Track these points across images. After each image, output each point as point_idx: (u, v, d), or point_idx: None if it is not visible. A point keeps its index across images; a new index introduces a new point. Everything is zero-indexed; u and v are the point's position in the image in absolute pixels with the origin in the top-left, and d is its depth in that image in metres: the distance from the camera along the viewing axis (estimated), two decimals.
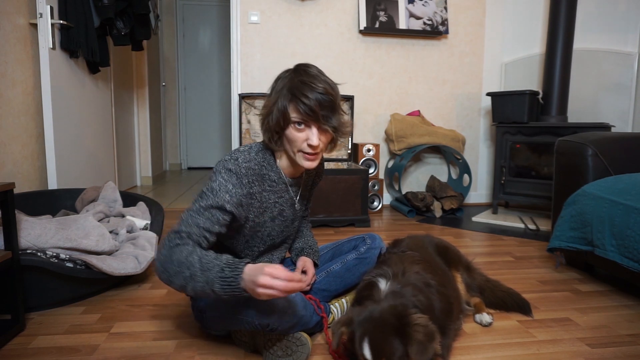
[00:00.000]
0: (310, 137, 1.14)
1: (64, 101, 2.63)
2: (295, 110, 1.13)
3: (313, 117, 1.12)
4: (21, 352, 1.28)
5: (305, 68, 1.18)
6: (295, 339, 1.21)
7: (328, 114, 1.14)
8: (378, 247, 1.51)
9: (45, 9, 2.39)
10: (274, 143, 1.20)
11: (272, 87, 1.19)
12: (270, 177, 1.24)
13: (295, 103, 1.12)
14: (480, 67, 3.60)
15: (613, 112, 3.05)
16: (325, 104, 1.12)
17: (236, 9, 3.21)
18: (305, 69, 1.17)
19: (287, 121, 1.14)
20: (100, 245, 1.67)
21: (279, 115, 1.13)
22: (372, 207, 3.28)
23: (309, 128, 1.15)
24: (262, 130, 1.22)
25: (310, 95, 1.10)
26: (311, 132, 1.15)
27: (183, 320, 1.50)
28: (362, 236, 1.54)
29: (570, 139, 2.08)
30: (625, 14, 3.03)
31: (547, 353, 1.32)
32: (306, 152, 1.16)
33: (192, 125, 5.83)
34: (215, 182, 1.14)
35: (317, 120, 1.13)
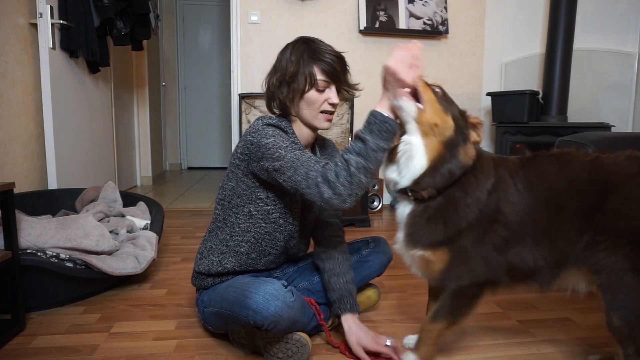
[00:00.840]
0: (331, 96, 1.23)
1: (64, 101, 2.63)
2: (321, 72, 1.22)
3: (336, 77, 1.23)
4: (21, 352, 1.28)
5: (312, 38, 1.28)
6: (295, 341, 1.20)
7: (345, 73, 1.28)
8: (382, 252, 1.49)
9: (45, 8, 2.39)
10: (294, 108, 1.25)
11: (283, 59, 1.25)
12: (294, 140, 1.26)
13: (319, 65, 1.21)
14: (480, 67, 3.60)
15: (613, 112, 3.05)
16: (342, 64, 1.26)
17: (236, 9, 3.21)
18: (312, 39, 1.27)
19: (312, 84, 1.21)
20: (100, 245, 1.67)
21: (305, 80, 1.20)
22: (372, 207, 3.28)
23: (329, 88, 1.24)
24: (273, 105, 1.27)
25: (330, 57, 1.23)
26: (331, 92, 1.24)
27: (183, 320, 1.50)
28: (366, 239, 1.53)
29: (570, 139, 2.07)
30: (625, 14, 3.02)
31: (547, 353, 1.32)
32: (327, 111, 1.25)
33: (192, 125, 5.83)
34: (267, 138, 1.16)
35: (338, 79, 1.24)
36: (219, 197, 1.32)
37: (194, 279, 1.36)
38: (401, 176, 1.07)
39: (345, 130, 3.30)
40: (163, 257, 2.17)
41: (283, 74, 1.23)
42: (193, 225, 2.83)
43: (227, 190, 1.28)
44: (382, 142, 1.05)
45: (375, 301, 1.56)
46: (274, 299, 1.10)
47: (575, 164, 1.06)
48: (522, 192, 1.06)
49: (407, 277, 1.94)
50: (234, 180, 1.26)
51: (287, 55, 1.25)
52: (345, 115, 3.28)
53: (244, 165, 1.23)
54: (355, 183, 1.05)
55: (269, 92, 1.27)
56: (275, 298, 1.11)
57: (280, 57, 1.27)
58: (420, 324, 1.35)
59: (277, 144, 1.14)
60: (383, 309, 1.62)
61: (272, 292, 1.11)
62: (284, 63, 1.24)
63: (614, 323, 0.99)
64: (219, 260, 1.30)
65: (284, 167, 1.12)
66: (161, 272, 1.97)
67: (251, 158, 1.19)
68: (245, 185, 1.25)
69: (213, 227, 1.34)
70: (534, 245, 1.05)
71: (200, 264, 1.33)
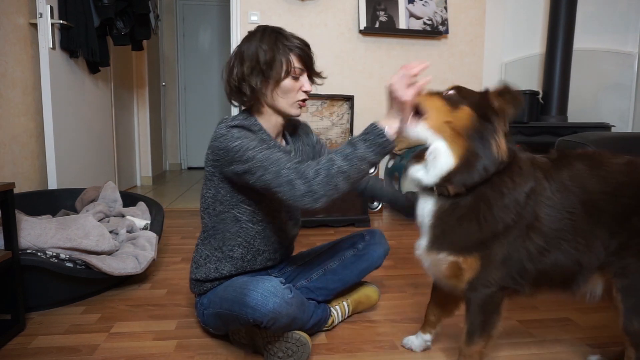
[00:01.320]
0: (305, 83, 1.25)
1: (64, 101, 2.63)
2: (297, 59, 1.22)
3: (309, 64, 1.25)
4: (21, 352, 1.28)
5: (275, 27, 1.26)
6: (295, 340, 1.21)
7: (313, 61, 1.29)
8: (378, 244, 1.47)
9: (45, 9, 2.39)
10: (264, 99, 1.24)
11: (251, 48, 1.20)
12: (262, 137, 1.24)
13: (295, 52, 1.21)
14: (480, 67, 3.60)
15: (613, 112, 3.06)
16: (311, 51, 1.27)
17: (236, 9, 3.21)
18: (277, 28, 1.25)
19: (289, 71, 1.20)
20: (100, 245, 1.67)
21: (281, 67, 1.19)
22: (372, 207, 3.28)
23: (302, 76, 1.25)
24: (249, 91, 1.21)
25: (302, 44, 1.23)
26: (304, 79, 1.25)
27: (183, 320, 1.50)
28: (361, 233, 1.51)
29: (570, 139, 2.08)
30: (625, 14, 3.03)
31: (547, 353, 1.32)
32: (301, 99, 1.26)
33: (192, 125, 5.83)
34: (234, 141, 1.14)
35: (311, 66, 1.27)
36: (203, 206, 1.31)
37: (192, 286, 1.36)
38: (428, 174, 1.02)
39: (345, 130, 3.30)
40: (163, 257, 2.17)
41: (255, 63, 1.19)
42: (193, 225, 2.83)
43: (209, 198, 1.28)
44: (372, 154, 1.03)
45: (375, 301, 1.56)
46: (272, 296, 1.11)
47: (609, 166, 1.05)
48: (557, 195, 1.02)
49: (407, 277, 1.94)
50: (213, 188, 1.26)
51: (256, 44, 1.20)
52: (345, 115, 3.28)
53: (218, 171, 1.22)
54: (332, 185, 1.02)
55: (232, 83, 1.22)
56: (274, 295, 1.11)
57: (245, 46, 1.22)
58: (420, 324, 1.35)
59: (244, 145, 1.12)
60: (383, 309, 1.62)
61: (270, 289, 1.12)
62: (253, 51, 1.20)
63: (633, 327, 1.00)
64: (215, 267, 1.30)
65: (254, 167, 1.10)
66: (161, 272, 1.97)
67: (222, 163, 1.18)
68: (225, 191, 1.24)
69: (205, 236, 1.33)
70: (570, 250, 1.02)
71: (197, 272, 1.32)
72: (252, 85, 1.20)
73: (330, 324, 1.42)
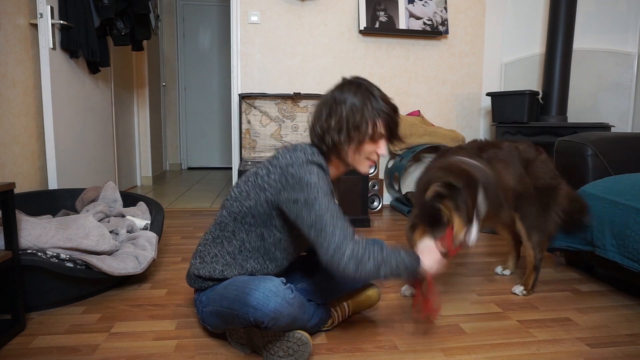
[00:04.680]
0: (382, 148, 1.27)
1: (64, 101, 2.63)
2: (384, 126, 1.24)
3: (394, 130, 1.27)
4: (21, 352, 1.28)
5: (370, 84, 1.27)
6: (295, 339, 1.21)
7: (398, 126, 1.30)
8: None
9: (46, 9, 2.39)
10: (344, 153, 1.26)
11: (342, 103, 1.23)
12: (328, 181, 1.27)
13: (384, 119, 1.23)
14: (480, 67, 3.60)
15: (613, 112, 3.06)
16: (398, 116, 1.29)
17: (236, 9, 3.22)
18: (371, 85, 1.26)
19: (373, 137, 1.23)
20: (101, 245, 1.67)
21: (367, 131, 1.22)
22: (372, 207, 3.28)
23: (381, 140, 1.26)
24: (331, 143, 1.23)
25: (392, 111, 1.25)
26: (383, 144, 1.27)
27: (183, 320, 1.50)
28: None
29: (570, 139, 2.08)
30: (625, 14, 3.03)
31: (547, 353, 1.32)
32: (373, 159, 1.29)
33: (192, 125, 5.83)
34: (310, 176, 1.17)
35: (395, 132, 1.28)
36: (232, 209, 1.26)
37: (192, 281, 1.35)
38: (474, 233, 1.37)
39: None
40: (163, 257, 2.17)
41: (343, 121, 1.21)
42: (193, 225, 2.83)
43: (244, 207, 1.24)
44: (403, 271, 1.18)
45: (375, 301, 1.56)
46: (273, 296, 1.11)
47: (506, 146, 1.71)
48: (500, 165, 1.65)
49: None
50: (254, 200, 1.22)
51: (349, 100, 1.22)
52: None
53: (273, 192, 1.19)
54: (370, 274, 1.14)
55: (318, 130, 1.25)
56: (275, 295, 1.11)
57: (337, 97, 1.24)
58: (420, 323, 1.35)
59: (319, 185, 1.15)
60: (383, 309, 1.62)
61: (272, 289, 1.12)
62: (343, 108, 1.22)
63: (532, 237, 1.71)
64: (221, 270, 1.27)
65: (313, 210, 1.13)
66: (161, 272, 1.97)
67: (284, 188, 1.16)
68: (263, 209, 1.22)
69: (219, 235, 1.30)
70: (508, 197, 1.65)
71: (201, 268, 1.30)
72: (334, 141, 1.22)
73: (330, 324, 1.42)
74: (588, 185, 1.85)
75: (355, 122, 1.21)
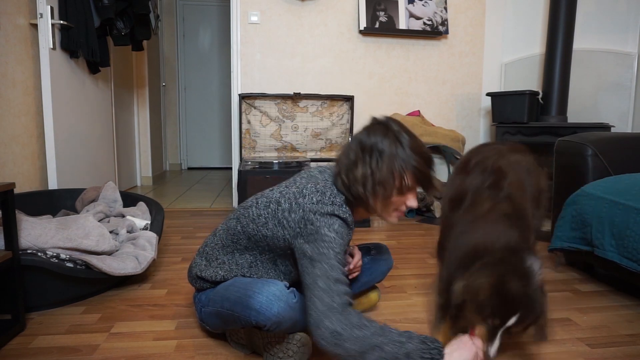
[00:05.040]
0: (411, 199, 1.17)
1: (64, 101, 2.63)
2: (412, 179, 1.13)
3: (424, 181, 1.15)
4: (21, 352, 1.28)
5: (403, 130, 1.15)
6: (296, 340, 1.20)
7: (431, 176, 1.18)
8: (384, 260, 1.50)
9: (46, 9, 2.39)
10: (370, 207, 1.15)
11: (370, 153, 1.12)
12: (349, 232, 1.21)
13: (413, 172, 1.12)
14: (480, 67, 3.60)
15: (613, 112, 3.05)
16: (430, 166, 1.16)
17: (236, 9, 3.22)
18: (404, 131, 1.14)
19: (400, 190, 1.13)
20: (101, 245, 1.67)
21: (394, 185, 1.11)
22: None
23: (411, 192, 1.16)
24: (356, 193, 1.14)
25: (423, 163, 1.13)
26: (412, 196, 1.17)
27: (183, 320, 1.50)
28: (368, 246, 1.52)
29: (570, 139, 2.08)
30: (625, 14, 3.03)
31: (547, 353, 1.32)
32: (402, 210, 1.19)
33: (192, 125, 5.83)
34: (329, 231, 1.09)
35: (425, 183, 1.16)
36: (247, 229, 1.21)
37: (194, 281, 1.34)
38: None
39: (345, 130, 3.30)
40: (163, 257, 2.17)
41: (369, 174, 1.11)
42: (193, 225, 2.83)
43: (260, 233, 1.19)
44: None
45: (375, 302, 1.56)
46: (277, 300, 1.10)
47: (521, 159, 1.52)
48: None
49: (407, 278, 1.94)
50: (271, 232, 1.16)
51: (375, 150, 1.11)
52: (345, 116, 3.28)
53: (291, 233, 1.13)
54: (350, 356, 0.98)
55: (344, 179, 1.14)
56: (278, 299, 1.11)
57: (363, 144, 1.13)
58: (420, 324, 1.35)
59: (333, 244, 1.07)
60: (383, 309, 1.62)
61: (275, 293, 1.11)
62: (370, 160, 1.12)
63: None
64: (223, 276, 1.26)
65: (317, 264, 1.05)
66: (161, 272, 1.97)
67: (301, 234, 1.11)
68: (280, 244, 1.17)
69: (230, 245, 1.25)
70: None
71: (205, 270, 1.29)
72: (360, 193, 1.13)
73: None
74: (588, 185, 1.85)
75: (381, 177, 1.10)
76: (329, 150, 3.34)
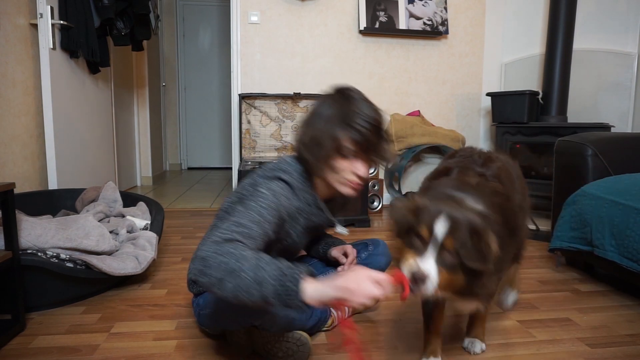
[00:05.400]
0: (359, 167, 1.14)
1: (64, 101, 2.63)
2: (349, 141, 1.11)
3: (365, 148, 1.12)
4: (21, 352, 1.28)
5: (351, 94, 1.14)
6: (295, 339, 1.21)
7: (378, 145, 1.13)
8: (382, 255, 1.50)
9: (46, 9, 2.39)
10: (318, 170, 1.15)
11: (317, 115, 1.15)
12: (308, 200, 1.22)
13: (349, 133, 1.10)
14: (480, 67, 3.60)
15: (613, 112, 3.05)
16: (377, 135, 1.12)
17: (236, 9, 3.22)
18: (352, 95, 1.14)
19: (338, 151, 1.11)
20: (101, 245, 1.67)
21: (331, 145, 1.10)
22: (372, 207, 3.28)
23: (356, 158, 1.13)
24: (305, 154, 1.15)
25: (365, 124, 1.09)
26: (359, 163, 1.14)
27: (183, 320, 1.50)
28: (365, 242, 1.53)
29: (570, 139, 2.08)
30: (625, 14, 3.03)
31: (547, 353, 1.32)
32: (352, 180, 1.15)
33: (192, 125, 5.83)
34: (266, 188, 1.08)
35: (367, 151, 1.12)
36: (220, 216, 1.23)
37: (190, 286, 1.35)
38: None
39: None
40: (163, 258, 2.17)
41: (311, 134, 1.13)
42: (193, 225, 2.83)
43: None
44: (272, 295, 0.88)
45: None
46: None
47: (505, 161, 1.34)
48: None
49: None
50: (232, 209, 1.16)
51: (321, 112, 1.14)
52: None
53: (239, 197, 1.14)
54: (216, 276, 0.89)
55: (297, 144, 1.17)
56: None
57: (315, 109, 1.17)
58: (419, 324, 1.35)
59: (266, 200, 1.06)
60: (383, 309, 1.62)
61: None
62: (315, 120, 1.14)
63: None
64: None
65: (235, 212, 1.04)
66: (161, 272, 1.97)
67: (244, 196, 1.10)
68: None
69: None
70: None
71: None
72: (306, 157, 1.15)
73: (330, 324, 1.42)
74: (588, 185, 1.85)
75: (318, 137, 1.10)
76: None
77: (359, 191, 1.22)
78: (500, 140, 3.16)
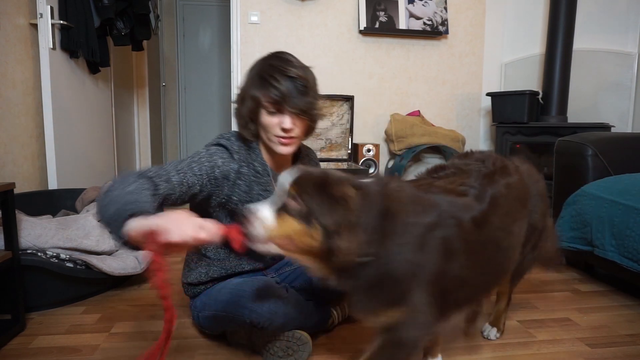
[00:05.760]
0: (284, 121, 1.15)
1: (64, 101, 2.63)
2: (266, 96, 1.13)
3: (284, 102, 1.13)
4: (21, 352, 1.28)
5: (277, 54, 1.21)
6: (295, 339, 1.21)
7: (299, 98, 1.14)
8: None
9: (46, 9, 2.39)
10: (248, 131, 1.21)
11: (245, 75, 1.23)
12: (255, 167, 1.23)
13: (266, 88, 1.13)
14: (480, 68, 3.60)
15: (613, 112, 3.05)
16: (297, 88, 1.13)
17: (236, 9, 3.21)
18: (277, 55, 1.20)
19: (259, 107, 1.16)
20: (101, 245, 1.67)
21: (252, 102, 1.16)
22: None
23: (281, 113, 1.16)
24: (236, 119, 1.23)
25: (280, 79, 1.12)
26: (283, 117, 1.16)
27: (183, 321, 1.50)
28: None
29: (570, 139, 2.08)
30: (625, 14, 3.02)
31: (547, 353, 1.32)
32: (280, 136, 1.17)
33: (192, 125, 5.83)
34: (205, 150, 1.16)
35: (287, 105, 1.13)
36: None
37: (185, 290, 1.36)
38: None
39: (345, 130, 3.30)
40: None
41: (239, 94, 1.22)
42: None
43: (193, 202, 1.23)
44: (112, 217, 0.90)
45: None
46: (267, 296, 1.11)
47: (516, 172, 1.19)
48: None
49: None
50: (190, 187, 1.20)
51: (247, 74, 1.22)
52: (345, 116, 3.28)
53: None
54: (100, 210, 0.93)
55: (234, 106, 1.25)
56: (269, 295, 1.11)
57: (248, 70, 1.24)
58: None
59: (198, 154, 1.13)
60: None
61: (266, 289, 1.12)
62: (243, 82, 1.23)
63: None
64: (206, 272, 1.29)
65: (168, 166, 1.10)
66: None
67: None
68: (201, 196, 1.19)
69: None
70: None
71: (189, 275, 1.32)
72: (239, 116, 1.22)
73: (330, 324, 1.42)
74: (588, 185, 1.85)
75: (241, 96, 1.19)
76: (329, 150, 3.34)
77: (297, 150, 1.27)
78: (501, 140, 3.16)
